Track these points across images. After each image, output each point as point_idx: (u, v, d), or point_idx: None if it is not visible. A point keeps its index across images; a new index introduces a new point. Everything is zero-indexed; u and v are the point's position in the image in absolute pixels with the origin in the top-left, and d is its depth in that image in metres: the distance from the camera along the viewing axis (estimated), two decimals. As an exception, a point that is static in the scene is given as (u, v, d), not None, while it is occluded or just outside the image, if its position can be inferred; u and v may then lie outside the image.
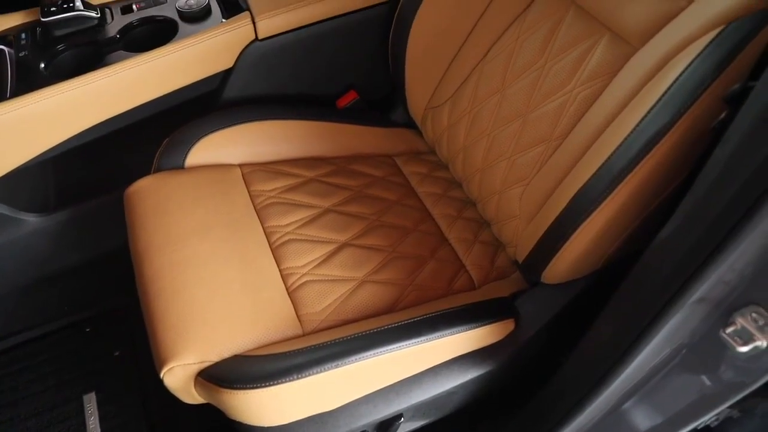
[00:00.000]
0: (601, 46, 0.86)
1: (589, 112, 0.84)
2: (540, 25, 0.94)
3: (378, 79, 1.28)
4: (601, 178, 0.75)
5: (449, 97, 1.06)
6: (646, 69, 0.76)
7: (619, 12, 0.84)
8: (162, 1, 1.16)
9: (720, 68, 0.67)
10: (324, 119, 1.17)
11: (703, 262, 0.63)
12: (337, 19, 1.14)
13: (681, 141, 0.70)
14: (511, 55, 0.97)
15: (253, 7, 1.10)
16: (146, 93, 1.08)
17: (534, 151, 0.92)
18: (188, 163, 1.07)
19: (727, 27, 0.68)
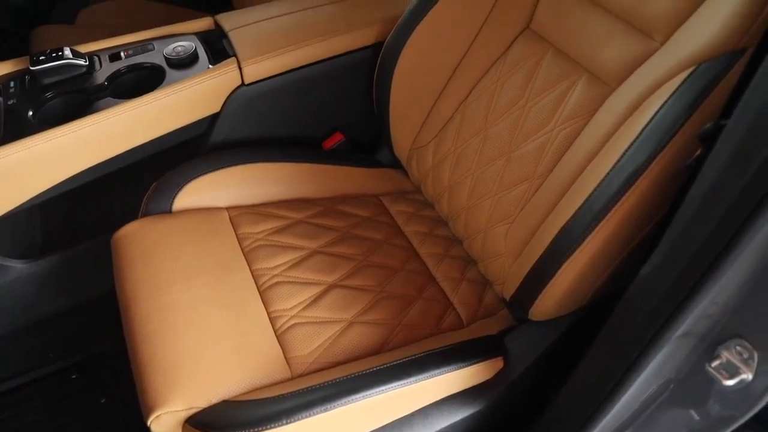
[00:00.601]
0: (579, 87, 0.89)
1: (569, 151, 0.85)
2: (520, 67, 0.97)
3: (363, 121, 1.30)
4: (582, 216, 0.76)
5: (433, 138, 1.08)
6: (623, 109, 0.78)
7: (595, 54, 0.87)
8: (150, 49, 1.18)
9: (692, 108, 0.69)
10: (310, 161, 1.18)
11: (684, 297, 0.64)
12: (322, 63, 1.17)
13: (659, 179, 0.72)
14: (492, 96, 1.00)
15: (239, 53, 1.12)
16: (134, 138, 1.09)
17: (518, 189, 0.93)
18: (175, 208, 1.08)
19: (697, 68, 0.71)
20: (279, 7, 1.23)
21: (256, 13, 1.22)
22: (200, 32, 1.22)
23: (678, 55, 0.74)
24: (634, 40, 0.83)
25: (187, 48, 1.14)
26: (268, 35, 1.15)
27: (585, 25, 0.89)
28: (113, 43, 1.19)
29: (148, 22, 1.55)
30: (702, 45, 0.71)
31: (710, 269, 0.61)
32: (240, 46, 1.13)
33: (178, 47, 1.14)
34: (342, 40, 1.16)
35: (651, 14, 0.80)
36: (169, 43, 1.16)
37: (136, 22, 1.67)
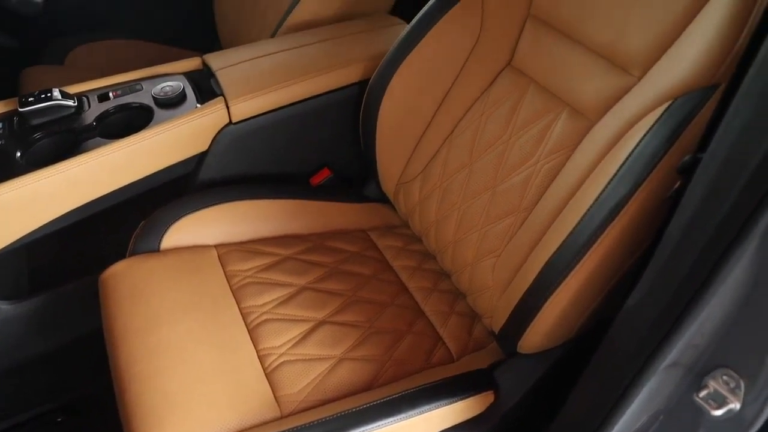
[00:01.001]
0: (561, 121, 0.91)
1: (553, 185, 0.87)
2: (503, 102, 0.99)
3: (350, 156, 1.31)
4: (567, 250, 0.77)
5: (419, 173, 1.10)
6: (603, 143, 0.80)
7: (576, 88, 0.89)
8: (138, 89, 1.19)
9: (670, 141, 0.70)
10: (298, 197, 1.19)
11: (669, 328, 0.64)
12: (309, 101, 1.18)
13: (640, 211, 0.73)
14: (477, 131, 1.01)
15: (226, 92, 1.13)
16: (122, 178, 1.09)
17: (503, 222, 0.94)
18: (164, 246, 1.08)
19: (673, 102, 0.73)
20: (266, 46, 1.25)
21: (243, 52, 1.24)
22: (188, 72, 1.23)
23: (655, 90, 0.76)
24: (612, 76, 0.85)
25: (175, 88, 1.15)
26: (255, 74, 1.17)
27: (565, 61, 0.91)
28: (102, 84, 1.20)
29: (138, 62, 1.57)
30: (677, 80, 0.73)
31: (693, 300, 0.62)
32: (227, 86, 1.14)
33: (166, 87, 1.16)
34: (328, 78, 1.18)
35: (628, 50, 0.82)
36: (157, 83, 1.18)
37: (126, 62, 1.69)
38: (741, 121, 0.55)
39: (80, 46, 1.76)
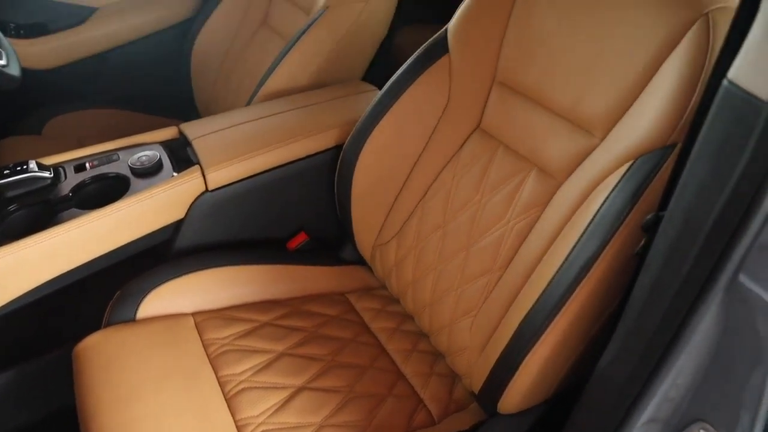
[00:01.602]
0: (530, 181, 0.93)
1: (525, 244, 0.89)
2: (473, 164, 1.02)
3: (326, 220, 1.32)
4: (541, 308, 0.78)
5: (395, 235, 1.11)
6: (571, 202, 0.82)
7: (542, 150, 0.92)
8: (115, 159, 1.20)
9: (634, 200, 0.73)
10: (275, 262, 1.19)
11: (644, 383, 0.65)
12: (284, 167, 1.20)
13: (609, 268, 0.75)
14: (449, 193, 1.04)
15: (202, 160, 1.15)
16: (98, 248, 1.09)
17: (479, 282, 0.95)
18: (140, 315, 1.07)
19: (635, 162, 0.76)
20: (241, 114, 1.28)
21: (219, 121, 1.26)
22: (165, 141, 1.25)
23: (617, 151, 0.79)
24: (576, 137, 0.88)
25: (151, 157, 1.17)
26: (231, 142, 1.19)
27: (530, 123, 0.95)
28: (79, 155, 1.21)
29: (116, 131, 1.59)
30: (637, 141, 0.77)
31: (664, 355, 0.63)
32: (203, 154, 1.16)
33: (142, 157, 1.17)
34: (303, 145, 1.21)
35: (589, 113, 0.86)
36: (134, 153, 1.19)
37: (104, 131, 1.71)
38: (696, 181, 0.57)
39: (58, 116, 1.78)
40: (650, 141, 0.75)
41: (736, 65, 0.53)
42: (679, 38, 0.76)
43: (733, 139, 0.52)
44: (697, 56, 0.73)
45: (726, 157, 0.53)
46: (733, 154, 0.52)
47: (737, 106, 0.52)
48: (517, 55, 0.97)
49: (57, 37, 1.74)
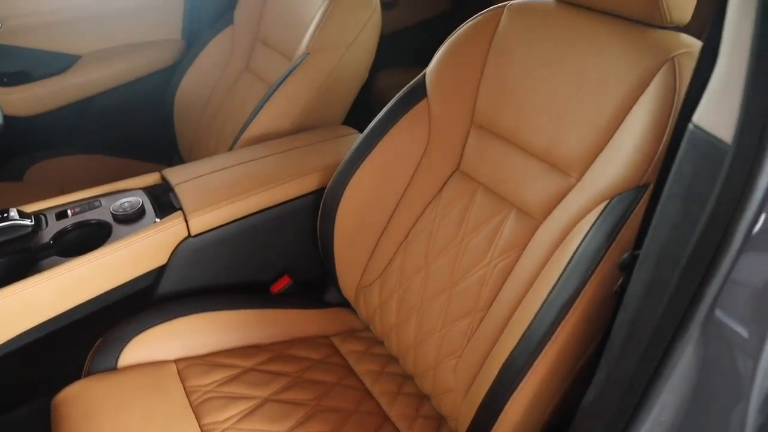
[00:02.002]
0: (510, 221, 0.95)
1: (506, 284, 0.90)
2: (454, 206, 1.03)
3: (310, 262, 1.33)
4: (523, 348, 0.79)
5: (378, 277, 1.11)
6: (550, 242, 0.84)
7: (521, 190, 0.94)
8: (97, 205, 1.20)
9: (610, 239, 0.74)
10: (258, 307, 1.19)
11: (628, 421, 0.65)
12: (267, 211, 1.21)
13: (589, 307, 0.76)
14: (431, 234, 1.05)
15: (185, 206, 1.15)
16: (79, 296, 1.08)
17: (462, 323, 0.96)
18: (121, 364, 1.05)
19: (610, 202, 0.77)
20: (224, 159, 1.29)
21: (201, 166, 1.27)
22: (147, 187, 1.26)
23: (592, 191, 0.81)
24: (553, 178, 0.90)
25: (133, 203, 1.17)
26: (214, 187, 1.20)
27: (508, 165, 0.97)
28: (60, 201, 1.21)
29: (98, 177, 1.60)
30: (612, 181, 0.79)
31: (646, 392, 0.63)
32: (186, 199, 1.16)
33: (125, 203, 1.17)
34: (285, 189, 1.22)
35: (565, 154, 0.88)
36: (116, 199, 1.19)
37: (86, 177, 1.71)
38: (668, 221, 0.59)
39: (40, 162, 1.78)
40: (624, 181, 0.77)
41: (700, 109, 0.55)
42: (647, 82, 0.79)
43: (700, 180, 0.54)
44: (665, 99, 0.76)
45: (695, 198, 0.55)
46: (701, 194, 0.54)
47: (703, 148, 0.54)
48: (493, 98, 1.00)
49: (40, 85, 1.75)
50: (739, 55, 0.49)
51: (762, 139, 0.49)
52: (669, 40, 0.81)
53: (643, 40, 0.82)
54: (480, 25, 1.02)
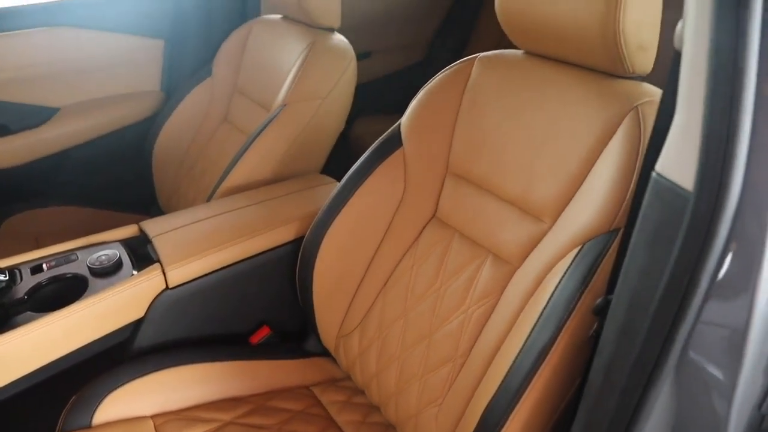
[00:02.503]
0: (487, 267, 0.96)
1: (484, 331, 0.90)
2: (431, 253, 1.04)
3: (289, 312, 1.32)
4: (503, 395, 0.79)
5: (357, 325, 1.11)
6: (526, 287, 0.85)
7: (496, 236, 0.96)
8: (73, 259, 1.19)
9: (584, 285, 0.76)
10: (237, 358, 1.17)
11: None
12: (245, 262, 1.21)
13: (566, 352, 0.76)
14: (409, 282, 1.05)
15: (163, 258, 1.15)
16: (53, 352, 1.06)
17: (442, 371, 0.96)
18: (96, 422, 1.03)
19: (583, 247, 0.79)
20: (202, 211, 1.30)
21: (179, 218, 1.27)
22: (125, 239, 1.25)
23: (565, 236, 0.83)
24: (527, 224, 0.92)
25: (110, 256, 1.16)
26: (192, 239, 1.20)
27: (483, 211, 0.98)
28: (35, 256, 1.20)
29: (76, 229, 1.59)
30: (583, 226, 0.81)
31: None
32: (163, 251, 1.16)
33: (102, 256, 1.17)
34: (263, 239, 1.22)
35: (537, 201, 0.90)
36: (93, 252, 1.18)
37: (62, 230, 1.70)
38: (637, 266, 0.60)
39: (16, 215, 1.76)
40: (595, 226, 0.79)
41: (662, 158, 0.57)
42: (614, 129, 0.81)
43: (665, 226, 0.56)
44: (631, 146, 0.78)
45: (661, 243, 0.56)
46: (666, 240, 0.55)
47: (666, 195, 0.56)
48: (467, 146, 1.02)
49: (18, 137, 1.75)
50: (694, 108, 0.52)
51: (721, 187, 0.51)
52: (633, 90, 0.84)
53: (608, 90, 0.85)
54: (452, 76, 1.05)
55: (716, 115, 0.50)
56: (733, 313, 0.55)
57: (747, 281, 0.54)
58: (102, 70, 1.86)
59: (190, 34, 1.89)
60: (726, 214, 0.52)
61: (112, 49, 1.84)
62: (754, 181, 0.51)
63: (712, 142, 0.51)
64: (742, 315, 0.55)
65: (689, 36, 0.52)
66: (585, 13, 0.81)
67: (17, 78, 1.73)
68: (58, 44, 1.75)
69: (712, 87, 0.50)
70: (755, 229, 0.52)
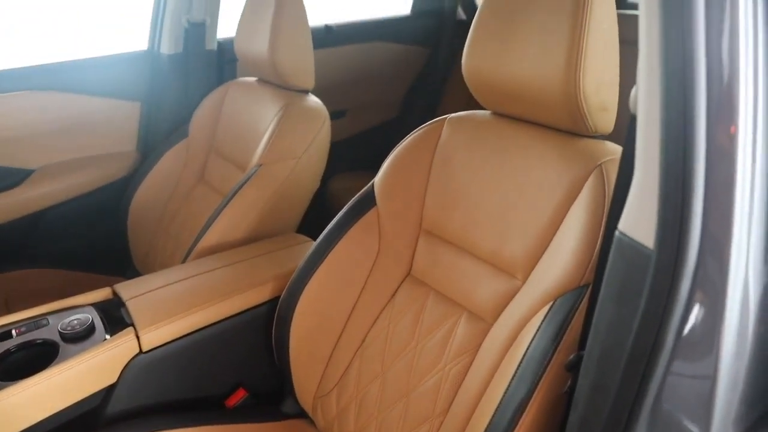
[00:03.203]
0: (462, 324, 0.96)
1: (461, 389, 0.90)
2: (407, 310, 1.05)
3: (266, 374, 1.30)
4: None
5: (335, 385, 1.10)
6: (501, 344, 0.85)
7: (470, 293, 0.97)
8: (44, 324, 1.17)
9: (556, 342, 0.77)
10: (213, 422, 1.15)
11: None
12: (221, 323, 1.20)
13: (541, 408, 0.77)
14: (386, 340, 1.05)
15: (137, 321, 1.13)
16: (22, 421, 1.03)
17: (421, 429, 0.95)
18: (63, 495, 0.99)
19: (554, 303, 0.80)
20: (177, 273, 1.29)
21: (154, 280, 1.26)
22: (98, 302, 1.23)
23: (537, 292, 0.84)
24: (500, 280, 0.93)
25: (82, 320, 1.14)
26: (167, 301, 1.19)
27: (457, 268, 1.00)
28: (4, 321, 1.17)
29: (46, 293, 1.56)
30: (554, 282, 0.82)
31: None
32: (137, 315, 1.15)
33: (73, 320, 1.14)
34: (239, 300, 1.22)
35: (509, 257, 0.92)
36: (64, 317, 1.16)
37: (34, 294, 1.67)
38: (606, 322, 0.62)
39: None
40: (566, 282, 0.81)
41: (624, 216, 0.59)
42: (579, 187, 0.84)
43: (630, 283, 0.58)
44: (596, 204, 0.81)
45: (628, 300, 0.58)
46: (633, 296, 0.57)
47: (629, 253, 0.58)
48: (439, 205, 1.04)
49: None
50: (651, 169, 0.54)
51: (680, 244, 0.53)
52: (596, 149, 0.88)
53: (573, 149, 0.89)
54: (423, 137, 1.08)
55: (671, 175, 0.52)
56: (702, 364, 0.57)
57: (712, 332, 0.55)
58: (78, 131, 1.87)
59: (167, 96, 1.92)
60: (687, 270, 0.54)
61: (89, 112, 1.85)
62: (712, 230, 0.53)
63: (669, 202, 0.53)
64: (709, 365, 0.56)
65: (642, 101, 0.55)
66: (547, 76, 0.85)
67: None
68: (36, 107, 1.76)
69: (666, 149, 0.52)
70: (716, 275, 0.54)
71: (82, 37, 3.20)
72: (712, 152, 0.51)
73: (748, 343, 0.57)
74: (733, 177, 0.52)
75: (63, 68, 1.80)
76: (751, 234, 0.53)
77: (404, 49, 2.54)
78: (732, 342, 0.56)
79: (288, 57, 1.51)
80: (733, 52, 0.50)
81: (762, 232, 0.54)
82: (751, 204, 0.53)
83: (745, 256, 0.54)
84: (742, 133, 0.51)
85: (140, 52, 1.93)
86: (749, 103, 0.51)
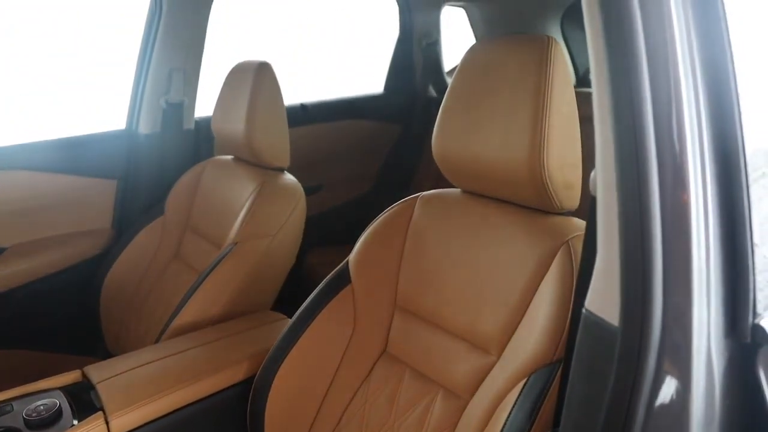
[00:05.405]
0: (438, 402, 0.96)
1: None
2: (383, 388, 1.04)
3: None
4: None
5: (311, 467, 1.08)
6: (477, 421, 0.85)
7: (446, 370, 0.97)
8: (8, 410, 1.12)
9: (532, 419, 0.77)
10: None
11: None
12: (194, 405, 1.17)
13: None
14: (362, 419, 1.04)
15: (106, 406, 1.10)
16: None
17: None
18: None
19: (529, 379, 0.81)
20: (149, 354, 1.26)
21: (125, 362, 1.23)
22: (66, 386, 1.20)
23: (512, 368, 0.85)
24: (475, 356, 0.94)
25: (49, 406, 1.10)
26: (138, 384, 1.16)
27: (432, 345, 1.00)
28: (-34, 407, 1.14)
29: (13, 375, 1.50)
30: (527, 358, 0.83)
31: None
32: (107, 399, 1.11)
33: (39, 406, 1.11)
34: (212, 381, 1.19)
35: (484, 334, 0.93)
36: (30, 402, 1.12)
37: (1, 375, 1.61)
38: (578, 398, 0.62)
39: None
40: (539, 358, 0.81)
41: (589, 295, 0.61)
42: (548, 263, 0.86)
43: (599, 359, 0.59)
44: (564, 280, 0.83)
45: (597, 375, 0.59)
46: (602, 372, 0.58)
47: (596, 331, 0.59)
48: (413, 282, 1.05)
49: (-43, 282, 1.71)
50: (612, 249, 0.57)
51: (644, 319, 0.55)
52: (563, 225, 0.91)
53: (541, 226, 0.91)
54: (396, 215, 1.10)
55: (631, 251, 0.54)
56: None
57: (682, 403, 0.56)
58: (53, 209, 1.86)
59: (143, 173, 1.93)
60: (653, 343, 0.55)
61: (64, 190, 1.85)
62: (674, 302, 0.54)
63: (630, 278, 0.55)
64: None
65: (601, 185, 0.58)
66: (513, 157, 0.89)
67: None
68: (9, 186, 1.75)
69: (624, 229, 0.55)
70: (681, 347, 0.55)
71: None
72: (667, 224, 0.54)
73: (716, 414, 0.58)
74: (689, 247, 0.54)
75: (38, 147, 1.81)
76: (711, 306, 0.55)
77: (378, 126, 2.61)
78: (701, 414, 0.57)
79: (264, 136, 1.54)
80: (680, 121, 0.53)
81: (720, 305, 0.56)
82: (708, 274, 0.55)
83: (706, 327, 0.55)
84: (693, 201, 0.53)
85: (118, 131, 1.96)
86: (698, 171, 0.54)
